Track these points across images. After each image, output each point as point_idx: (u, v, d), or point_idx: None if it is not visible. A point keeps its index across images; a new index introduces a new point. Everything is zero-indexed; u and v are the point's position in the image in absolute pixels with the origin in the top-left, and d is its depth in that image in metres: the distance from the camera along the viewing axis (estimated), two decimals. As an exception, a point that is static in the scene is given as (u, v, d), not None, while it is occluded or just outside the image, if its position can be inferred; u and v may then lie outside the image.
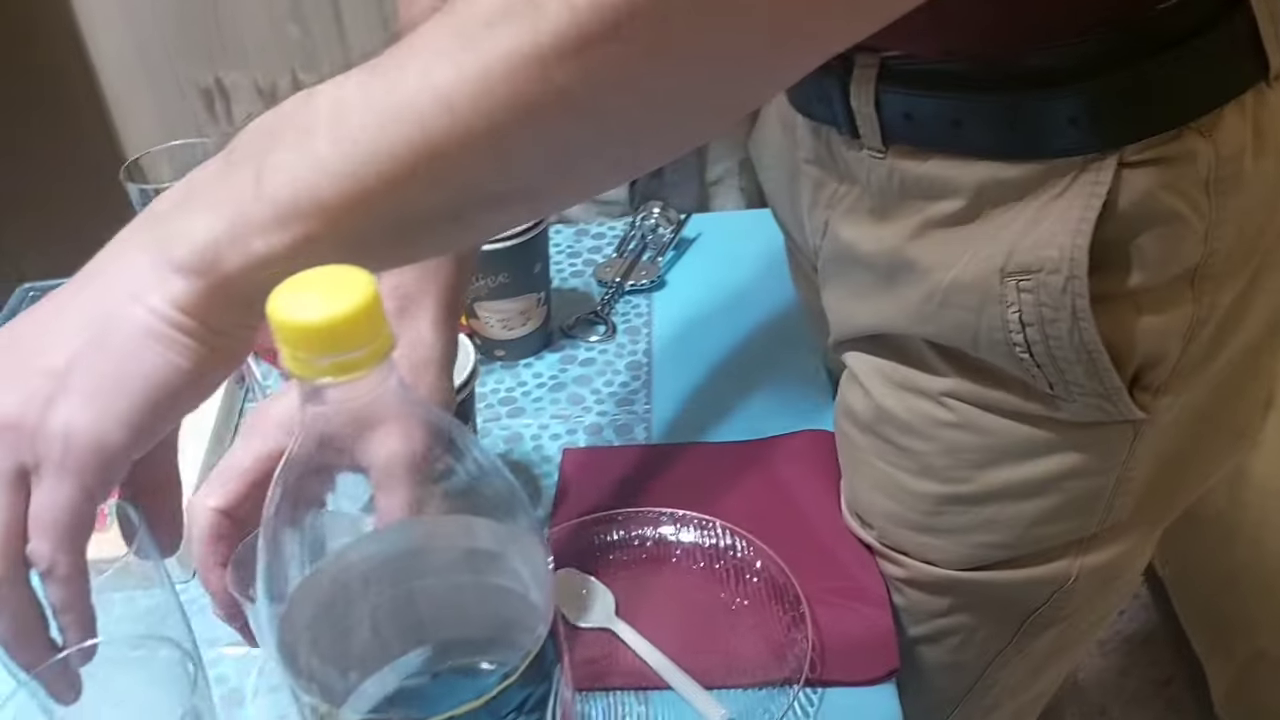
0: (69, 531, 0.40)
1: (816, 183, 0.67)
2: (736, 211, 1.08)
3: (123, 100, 2.22)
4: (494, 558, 0.41)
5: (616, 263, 1.01)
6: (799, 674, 0.62)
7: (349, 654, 0.40)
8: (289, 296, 0.34)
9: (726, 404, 0.86)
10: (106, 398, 0.38)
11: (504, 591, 0.41)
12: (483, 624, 0.42)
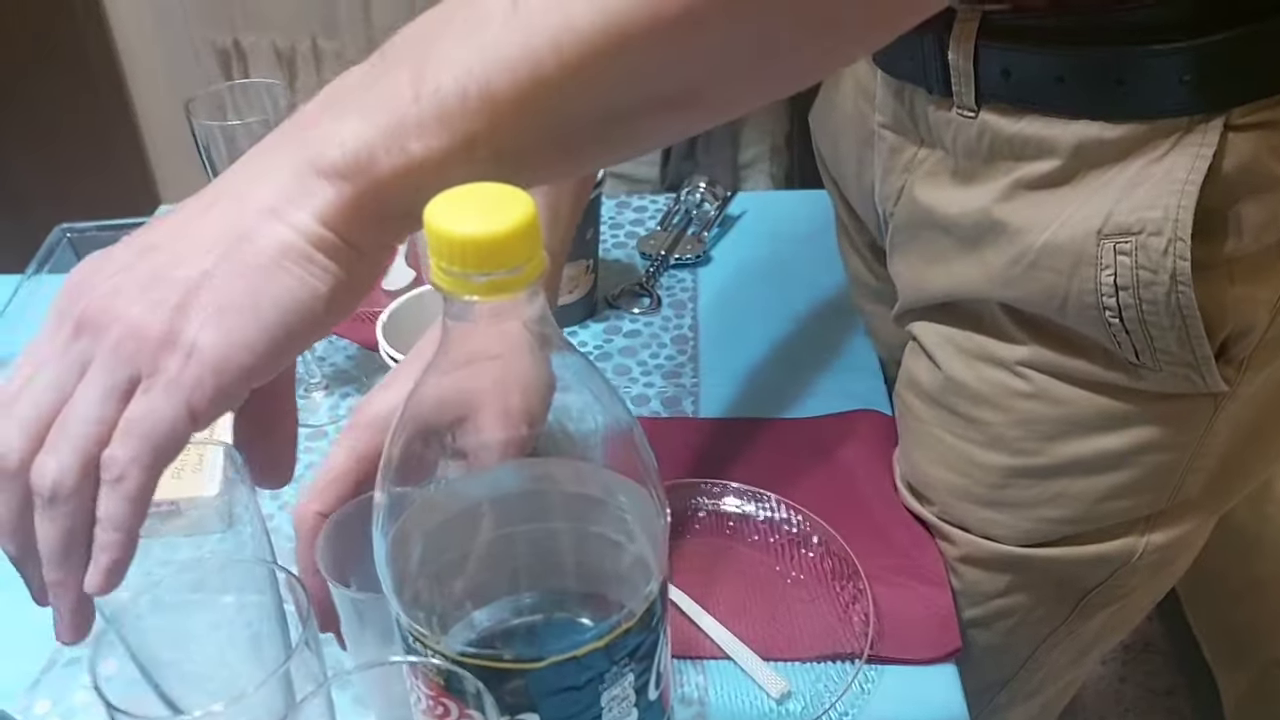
0: (158, 448, 0.37)
1: (893, 148, 0.66)
2: (781, 190, 1.07)
3: (138, 58, 2.19)
4: (609, 509, 0.40)
5: (661, 236, 1.00)
6: (860, 650, 0.61)
7: (456, 586, 0.39)
8: (446, 208, 0.32)
9: (774, 381, 0.85)
10: (236, 318, 0.36)
11: (614, 543, 0.40)
12: (590, 572, 0.40)
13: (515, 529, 0.40)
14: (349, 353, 0.89)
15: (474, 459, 0.39)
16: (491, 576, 0.39)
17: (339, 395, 0.84)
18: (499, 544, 0.40)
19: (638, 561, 0.39)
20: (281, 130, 0.39)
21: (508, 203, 0.32)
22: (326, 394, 0.83)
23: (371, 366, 0.87)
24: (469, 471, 0.39)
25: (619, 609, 0.38)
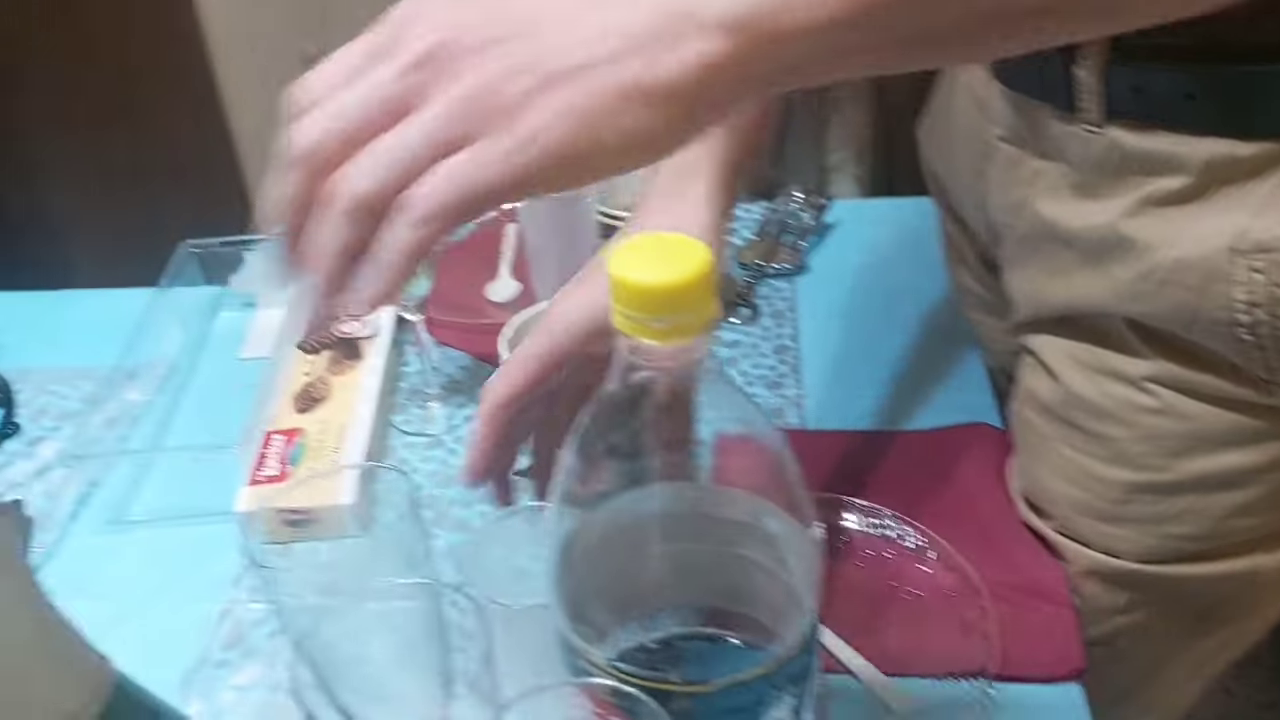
0: (463, 203, 0.37)
1: (1012, 160, 0.66)
2: (878, 199, 1.07)
3: (231, 64, 2.24)
4: (770, 537, 0.41)
5: (758, 245, 1.01)
6: (983, 668, 0.62)
7: (621, 603, 0.41)
8: (629, 256, 0.34)
9: (880, 392, 0.85)
10: (581, 127, 0.36)
11: (774, 571, 0.41)
12: (751, 598, 0.42)
13: (681, 549, 0.41)
14: (462, 363, 0.91)
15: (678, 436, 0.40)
16: (655, 596, 0.41)
17: (454, 406, 0.86)
18: (664, 564, 0.41)
19: (797, 589, 0.40)
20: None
21: (686, 254, 0.34)
22: (443, 405, 0.86)
23: (483, 376, 0.89)
24: (637, 490, 0.41)
25: (782, 635, 0.39)
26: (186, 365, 0.92)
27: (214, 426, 0.86)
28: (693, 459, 0.40)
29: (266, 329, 0.95)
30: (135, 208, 2.04)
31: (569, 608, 0.40)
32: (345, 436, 0.79)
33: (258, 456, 0.77)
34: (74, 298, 1.05)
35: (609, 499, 0.40)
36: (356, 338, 0.88)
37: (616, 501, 0.40)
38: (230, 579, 0.73)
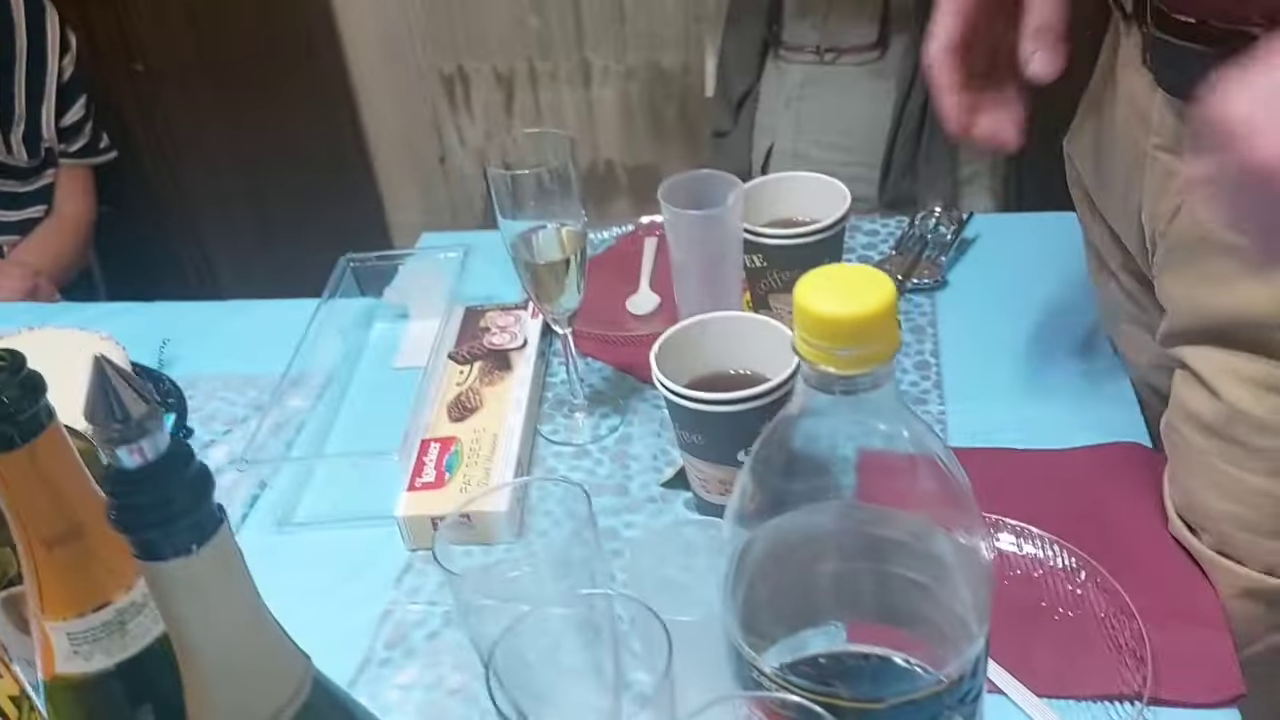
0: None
1: (1168, 169, 0.66)
2: (1020, 214, 1.06)
3: (366, 82, 2.33)
4: (940, 561, 0.42)
5: (897, 260, 1.01)
6: (1139, 692, 0.61)
7: (783, 612, 0.42)
8: (815, 286, 0.35)
9: (1024, 410, 0.84)
10: None
11: (940, 595, 0.42)
12: (922, 618, 0.43)
13: (850, 567, 0.42)
14: (604, 374, 0.94)
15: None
16: (823, 611, 0.42)
17: (599, 416, 0.89)
18: (833, 580, 0.42)
19: (967, 611, 0.41)
20: None
21: (871, 285, 0.35)
22: (587, 415, 0.88)
23: (625, 388, 0.92)
24: (809, 508, 0.42)
25: (949, 656, 0.40)
26: (344, 374, 0.97)
27: (370, 433, 0.91)
28: (865, 480, 0.41)
29: (418, 340, 0.99)
30: (280, 225, 2.14)
31: (741, 619, 0.42)
32: (498, 445, 0.82)
33: (415, 463, 0.81)
34: (237, 308, 1.11)
35: (783, 515, 0.41)
36: (506, 349, 0.92)
37: (789, 518, 0.41)
38: (391, 580, 0.77)
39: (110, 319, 1.07)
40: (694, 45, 2.11)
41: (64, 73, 1.57)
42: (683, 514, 0.80)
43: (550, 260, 0.80)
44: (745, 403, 0.70)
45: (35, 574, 0.46)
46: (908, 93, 1.27)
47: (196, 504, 0.38)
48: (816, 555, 0.42)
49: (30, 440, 0.43)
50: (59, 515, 0.45)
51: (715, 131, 1.44)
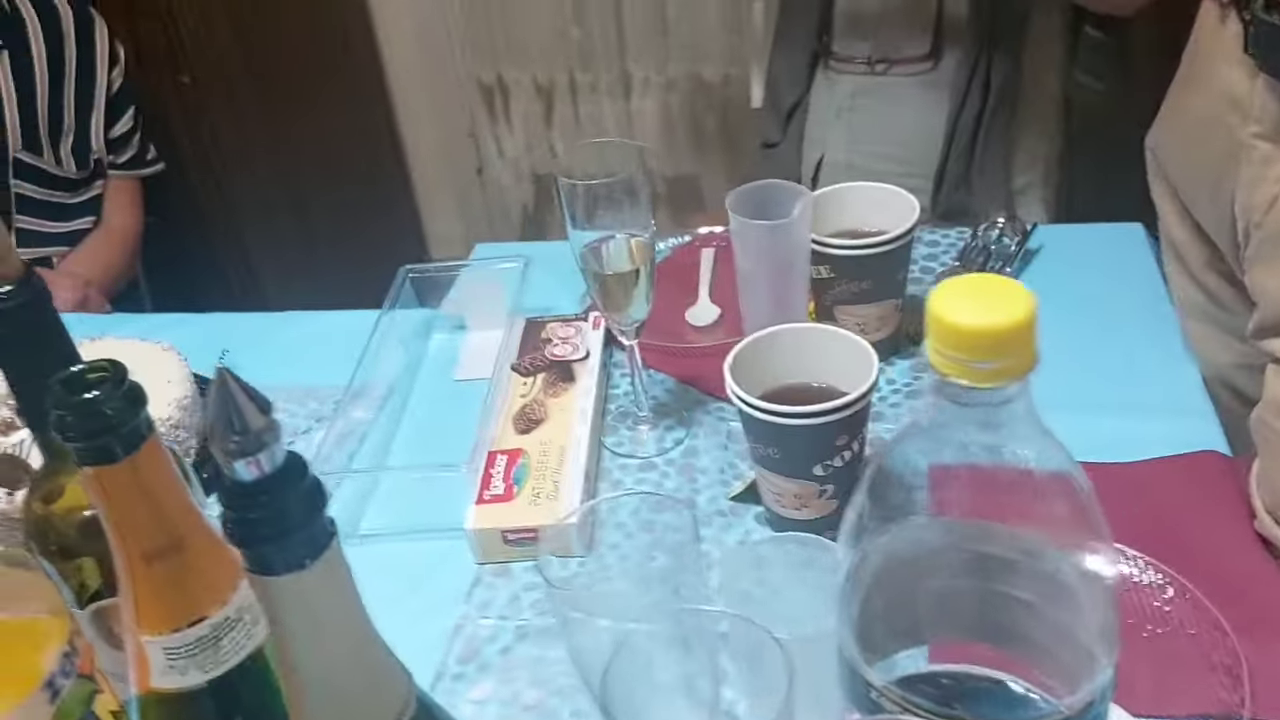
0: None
1: (1266, 158, 0.66)
2: (1082, 224, 1.05)
3: (405, 92, 2.34)
4: (1069, 590, 0.41)
5: (959, 272, 0.99)
6: (1234, 709, 0.60)
7: (897, 628, 0.41)
8: (951, 296, 0.34)
9: (1098, 422, 0.83)
10: None
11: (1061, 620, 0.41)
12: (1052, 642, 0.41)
13: (973, 586, 0.41)
14: (666, 386, 0.93)
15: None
16: (939, 629, 0.41)
17: (663, 428, 0.88)
18: (954, 600, 0.41)
19: (1090, 637, 0.40)
20: None
21: (1011, 296, 0.34)
22: (651, 428, 0.88)
23: (688, 400, 0.91)
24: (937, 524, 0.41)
25: (1069, 682, 0.39)
26: (405, 385, 0.96)
27: (432, 445, 0.90)
28: (992, 496, 0.40)
29: (478, 351, 0.98)
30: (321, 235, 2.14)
31: (858, 635, 0.41)
32: (565, 457, 0.81)
33: (483, 476, 0.80)
34: (292, 319, 1.11)
35: (903, 530, 0.40)
36: (569, 360, 0.91)
37: (909, 532, 0.40)
38: (460, 594, 0.76)
39: (166, 329, 1.07)
40: (735, 57, 2.10)
41: (113, 85, 1.58)
42: (754, 528, 0.78)
43: (619, 271, 0.79)
44: (824, 416, 0.69)
45: (133, 588, 0.45)
46: (962, 103, 1.26)
47: (311, 518, 0.38)
48: (934, 572, 0.41)
49: (132, 453, 0.42)
50: (159, 529, 0.44)
51: (764, 143, 1.43)
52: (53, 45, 1.52)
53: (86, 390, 0.41)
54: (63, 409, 0.41)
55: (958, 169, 1.31)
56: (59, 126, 1.53)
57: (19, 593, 0.43)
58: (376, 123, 2.33)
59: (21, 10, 1.51)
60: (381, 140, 2.35)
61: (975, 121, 1.27)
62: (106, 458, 0.42)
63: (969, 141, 1.29)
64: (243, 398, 0.35)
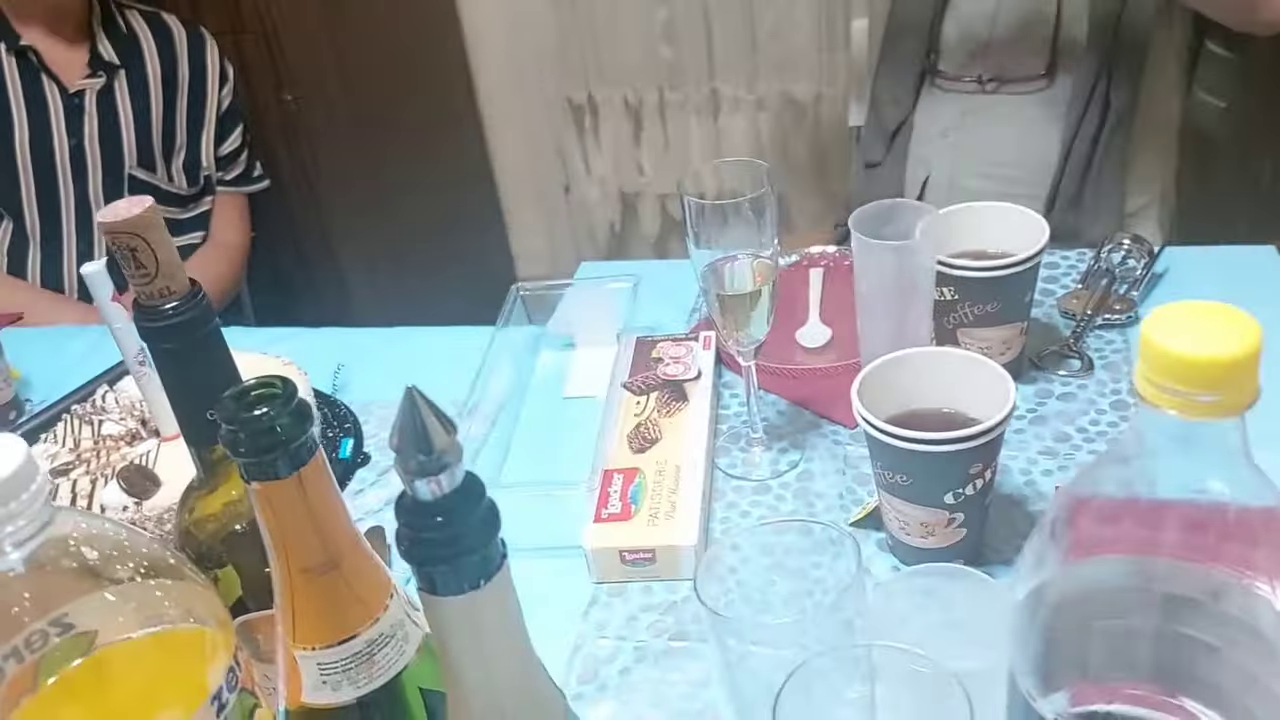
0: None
1: None
2: (1209, 247, 1.01)
3: (496, 109, 2.37)
4: (1264, 638, 0.39)
5: (1084, 295, 0.97)
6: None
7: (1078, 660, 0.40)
8: (1169, 323, 0.33)
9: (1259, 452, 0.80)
10: None
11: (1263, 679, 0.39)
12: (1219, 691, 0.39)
13: (1162, 628, 0.39)
14: (779, 408, 0.92)
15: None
16: (1126, 671, 0.40)
17: (777, 451, 0.86)
18: (1141, 640, 0.40)
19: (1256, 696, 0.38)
20: None
21: (1234, 324, 0.32)
22: (765, 450, 0.86)
23: (801, 422, 0.90)
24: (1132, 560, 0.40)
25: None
26: (516, 402, 0.97)
27: (545, 461, 0.90)
28: (1196, 534, 0.38)
29: (586, 368, 0.98)
30: (409, 250, 2.17)
31: (1033, 666, 0.39)
32: (681, 477, 0.80)
33: (600, 494, 0.79)
34: (402, 334, 1.12)
35: (1096, 563, 0.39)
36: (681, 380, 0.90)
37: (1102, 567, 0.39)
38: (578, 613, 0.76)
39: (281, 343, 1.09)
40: (828, 75, 2.09)
41: (222, 103, 1.62)
42: (875, 554, 0.77)
43: (741, 291, 0.78)
44: (960, 443, 0.67)
45: (290, 602, 0.45)
46: (1079, 122, 1.23)
47: (485, 540, 0.38)
48: (1119, 610, 0.40)
49: (299, 469, 0.43)
50: (319, 545, 0.44)
51: (867, 163, 1.41)
52: (166, 64, 1.56)
53: (257, 407, 0.42)
54: (234, 424, 0.41)
55: (1070, 190, 1.28)
56: (171, 144, 1.57)
57: (185, 605, 0.44)
58: (467, 141, 2.36)
59: (137, 30, 1.56)
60: (471, 158, 2.38)
61: (1092, 141, 1.24)
62: (274, 474, 0.42)
63: (1084, 162, 1.26)
64: (430, 416, 0.35)
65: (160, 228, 0.45)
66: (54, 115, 1.49)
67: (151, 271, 0.45)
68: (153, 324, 0.46)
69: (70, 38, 1.50)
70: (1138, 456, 0.35)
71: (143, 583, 0.42)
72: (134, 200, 0.45)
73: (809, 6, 2.03)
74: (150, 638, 0.41)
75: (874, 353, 0.80)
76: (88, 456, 0.85)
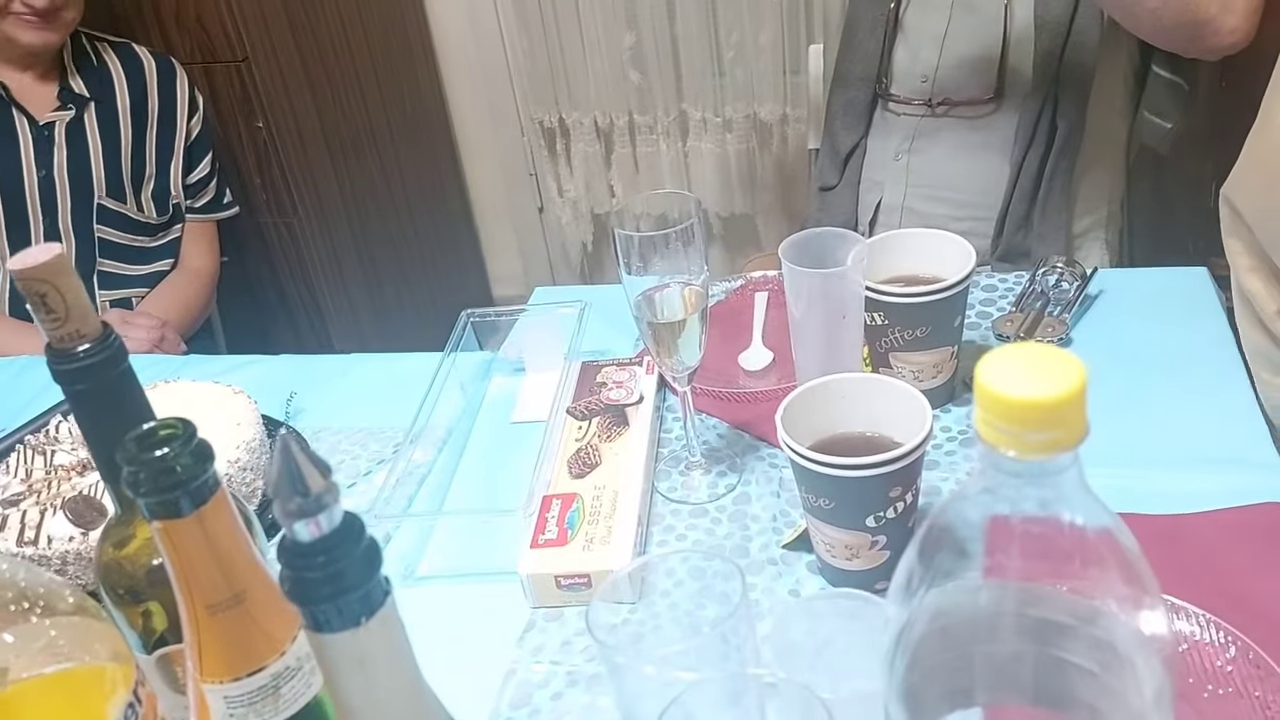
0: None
1: None
2: (1141, 269, 1.04)
3: (469, 133, 2.39)
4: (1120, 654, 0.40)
5: (1018, 317, 0.99)
6: (1300, 777, 0.58)
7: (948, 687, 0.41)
8: (1000, 366, 0.35)
9: (1159, 473, 0.82)
10: None
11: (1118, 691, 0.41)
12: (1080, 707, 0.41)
13: (1023, 650, 0.41)
14: (719, 431, 0.93)
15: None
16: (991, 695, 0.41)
17: (715, 474, 0.88)
18: (1002, 663, 0.41)
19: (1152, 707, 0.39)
20: None
21: (1060, 366, 0.34)
22: (704, 473, 0.88)
23: (740, 446, 0.91)
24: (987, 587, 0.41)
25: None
26: (464, 428, 0.98)
27: (490, 487, 0.92)
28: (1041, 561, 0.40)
29: (535, 394, 1.00)
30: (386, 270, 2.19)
31: (905, 699, 0.41)
32: (618, 502, 0.82)
33: (538, 520, 0.81)
34: (357, 361, 1.14)
35: (951, 593, 0.40)
36: (623, 404, 0.92)
37: (957, 596, 0.41)
38: (513, 638, 0.77)
39: (237, 371, 1.11)
40: (792, 98, 2.12)
41: (191, 132, 1.64)
42: (805, 577, 0.78)
43: (672, 319, 0.80)
44: (877, 467, 0.69)
45: (196, 637, 0.47)
46: (1028, 144, 1.25)
47: (367, 577, 0.39)
48: (986, 634, 0.41)
49: (200, 507, 0.44)
50: (223, 581, 0.46)
51: (821, 186, 1.43)
52: (136, 96, 1.58)
53: (157, 447, 0.43)
54: (134, 465, 0.43)
55: (1020, 211, 1.30)
56: (141, 174, 1.59)
57: (86, 641, 0.45)
58: (441, 164, 2.38)
59: (108, 62, 1.58)
60: (446, 181, 2.40)
61: (1040, 163, 1.26)
62: (174, 512, 0.44)
63: (1033, 183, 1.28)
64: (304, 460, 0.37)
65: (70, 273, 0.47)
66: (23, 146, 1.51)
67: (61, 316, 0.47)
68: (64, 367, 0.48)
69: (41, 74, 1.52)
70: (988, 490, 0.37)
71: (38, 622, 0.43)
72: (44, 247, 0.46)
73: (773, 31, 2.06)
74: (48, 677, 0.43)
75: (808, 376, 0.82)
76: (39, 487, 0.87)
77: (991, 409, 0.35)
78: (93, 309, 0.49)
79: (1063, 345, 0.96)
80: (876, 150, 1.37)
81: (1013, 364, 0.35)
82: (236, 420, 0.91)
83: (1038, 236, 1.31)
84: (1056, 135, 1.26)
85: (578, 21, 2.14)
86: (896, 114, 1.35)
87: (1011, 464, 0.36)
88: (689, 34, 2.10)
